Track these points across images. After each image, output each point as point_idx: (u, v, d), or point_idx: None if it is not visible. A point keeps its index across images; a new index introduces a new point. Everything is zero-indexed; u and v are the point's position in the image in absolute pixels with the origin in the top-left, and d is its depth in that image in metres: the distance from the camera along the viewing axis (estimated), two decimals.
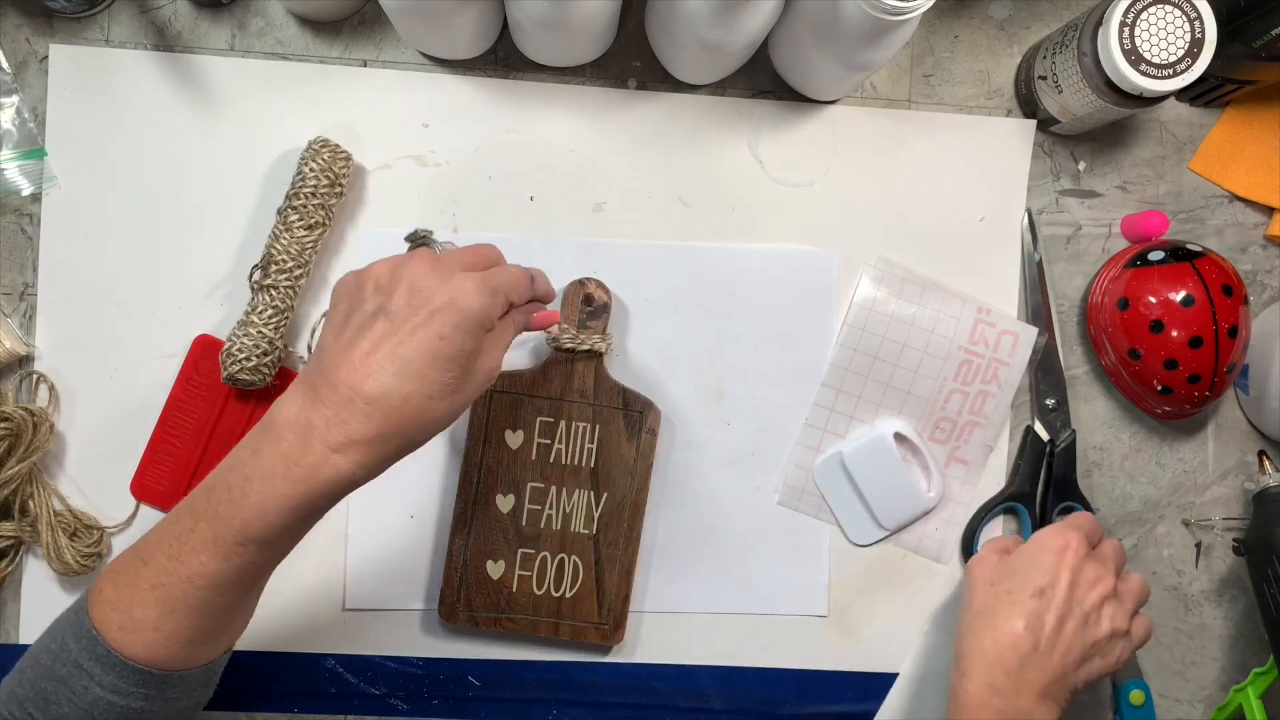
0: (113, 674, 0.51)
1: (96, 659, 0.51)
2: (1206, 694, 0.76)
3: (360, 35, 0.72)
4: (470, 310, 0.49)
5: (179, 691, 0.54)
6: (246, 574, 0.51)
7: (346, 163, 0.69)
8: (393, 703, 0.71)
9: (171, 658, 0.52)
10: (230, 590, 0.51)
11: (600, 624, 0.70)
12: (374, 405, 0.48)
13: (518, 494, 0.70)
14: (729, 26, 0.61)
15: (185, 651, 0.53)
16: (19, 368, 0.70)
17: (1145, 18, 0.64)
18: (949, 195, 0.74)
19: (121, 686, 0.52)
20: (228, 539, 0.50)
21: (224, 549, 0.50)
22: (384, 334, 0.49)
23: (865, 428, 0.73)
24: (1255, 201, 0.76)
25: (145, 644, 0.51)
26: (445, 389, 0.50)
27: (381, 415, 0.48)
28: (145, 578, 0.51)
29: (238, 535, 0.50)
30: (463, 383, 0.51)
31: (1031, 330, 0.73)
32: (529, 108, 0.72)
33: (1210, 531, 0.76)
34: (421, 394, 0.49)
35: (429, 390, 0.49)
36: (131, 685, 0.52)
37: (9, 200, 0.70)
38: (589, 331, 0.70)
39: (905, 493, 0.72)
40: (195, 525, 0.50)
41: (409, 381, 0.48)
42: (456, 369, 0.50)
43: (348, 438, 0.48)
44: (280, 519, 0.49)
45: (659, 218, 0.73)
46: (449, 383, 0.50)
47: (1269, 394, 0.73)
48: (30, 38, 0.70)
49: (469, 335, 0.50)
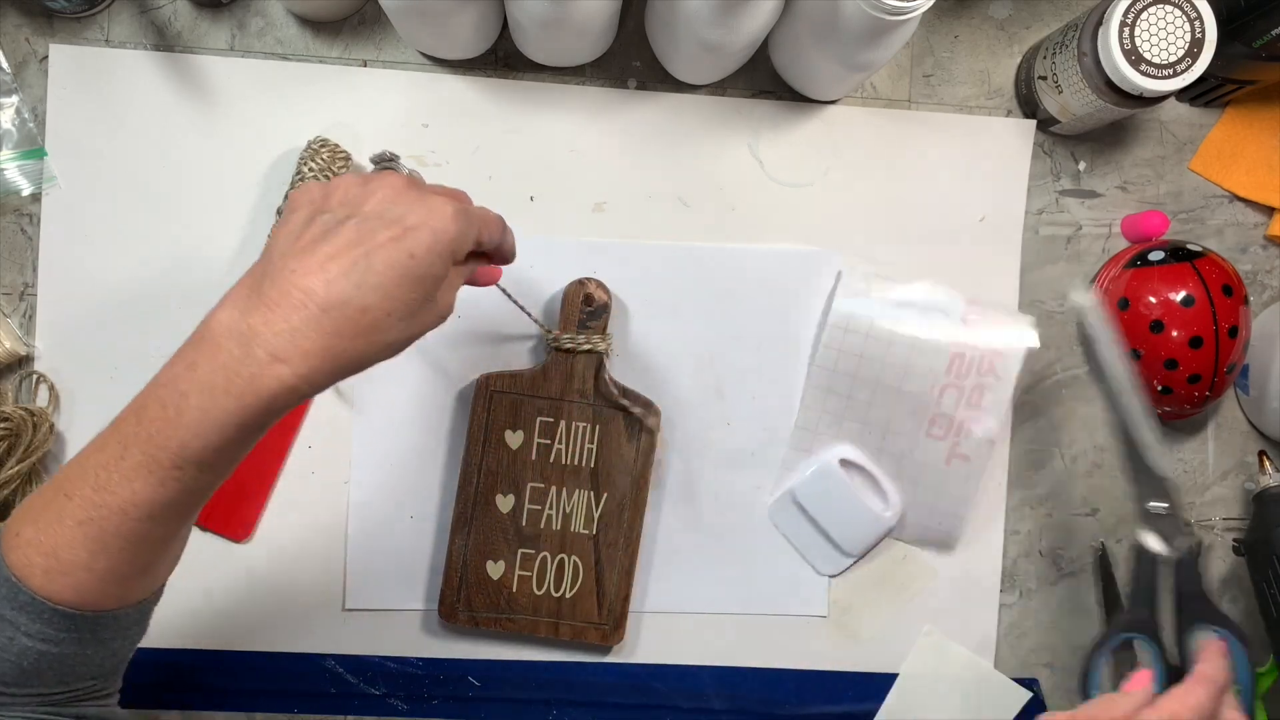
0: (39, 621, 0.47)
1: (20, 607, 0.47)
2: None
3: (360, 35, 0.72)
4: (446, 233, 0.47)
5: (112, 632, 0.50)
6: (184, 500, 0.47)
7: (345, 162, 0.69)
8: (393, 703, 0.71)
9: (105, 597, 0.48)
10: (168, 519, 0.47)
11: (600, 624, 0.70)
12: (329, 313, 0.44)
13: (518, 494, 0.70)
14: (729, 26, 0.61)
15: (120, 589, 0.49)
16: (19, 368, 0.70)
17: (1145, 18, 0.64)
18: (949, 195, 0.74)
19: (51, 634, 0.48)
20: (163, 462, 0.45)
21: (160, 473, 0.45)
22: (352, 241, 0.45)
23: (811, 459, 0.73)
24: (1255, 201, 0.76)
25: (76, 586, 0.47)
26: (406, 310, 0.46)
27: (335, 325, 0.44)
28: (70, 514, 0.46)
29: (174, 457, 0.45)
30: (422, 311, 0.47)
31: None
32: (529, 108, 0.72)
33: (1210, 531, 0.76)
34: (381, 309, 0.45)
35: (390, 307, 0.45)
36: (62, 631, 0.48)
37: (9, 200, 0.70)
38: (589, 331, 0.70)
39: (862, 517, 0.72)
40: (125, 451, 0.46)
41: (371, 293, 0.45)
42: (421, 292, 0.46)
43: (295, 345, 0.44)
44: (221, 436, 0.45)
45: (659, 218, 0.73)
46: (411, 304, 0.46)
47: (1269, 394, 0.73)
48: (30, 38, 0.70)
49: (440, 259, 0.47)
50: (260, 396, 0.44)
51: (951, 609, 0.74)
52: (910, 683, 0.73)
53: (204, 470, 0.46)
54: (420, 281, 0.46)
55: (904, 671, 0.74)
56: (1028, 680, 0.74)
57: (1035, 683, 0.74)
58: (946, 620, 0.74)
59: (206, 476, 0.47)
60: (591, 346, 0.69)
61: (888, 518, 0.72)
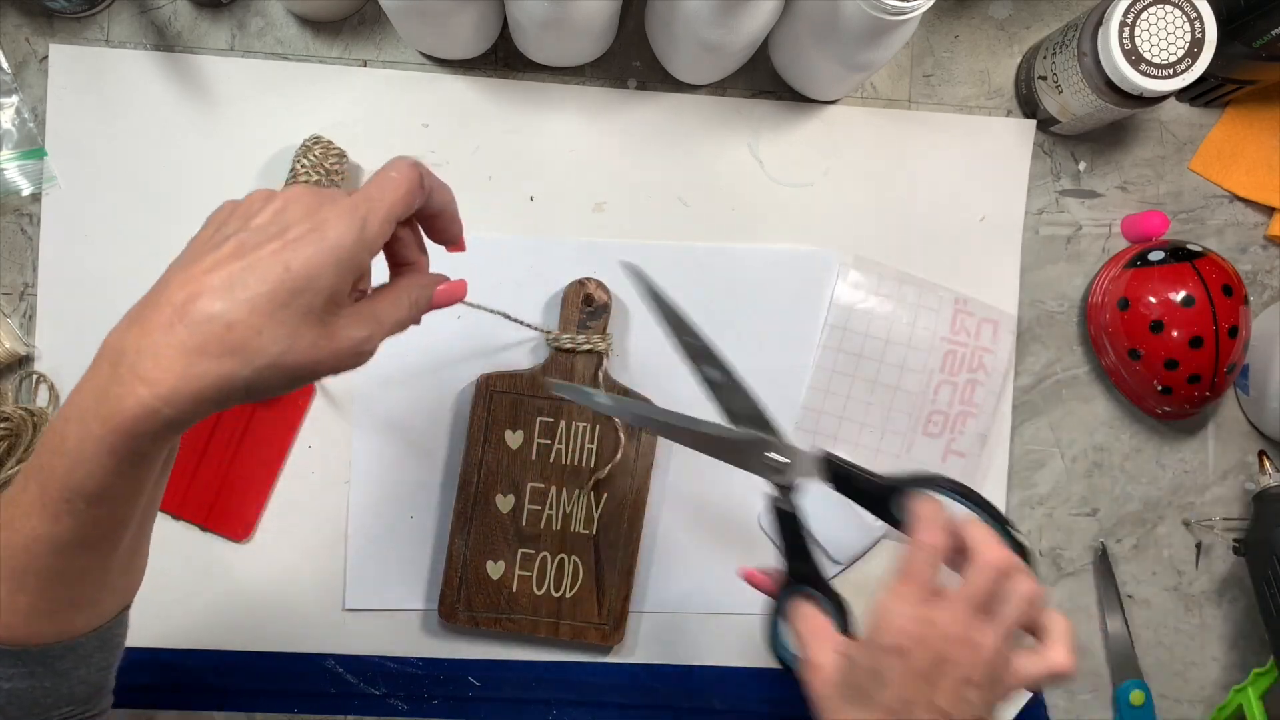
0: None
1: None
2: (1206, 694, 0.76)
3: (360, 35, 0.72)
4: (328, 241, 0.41)
5: (71, 663, 0.48)
6: (86, 534, 0.43)
7: (339, 159, 0.68)
8: (393, 703, 0.71)
9: (39, 633, 0.46)
10: (78, 553, 0.44)
11: (600, 624, 0.70)
12: (193, 329, 0.40)
13: (518, 494, 0.70)
14: (729, 26, 0.61)
15: (54, 624, 0.46)
16: (19, 368, 0.70)
17: (1145, 18, 0.64)
18: (949, 195, 0.74)
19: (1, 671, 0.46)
20: (54, 496, 0.42)
21: (52, 509, 0.42)
22: (231, 254, 0.42)
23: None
24: (1255, 201, 0.76)
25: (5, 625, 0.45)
26: (283, 330, 0.41)
27: (199, 342, 0.40)
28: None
29: (61, 490, 0.42)
30: (310, 335, 0.42)
31: (1011, 316, 0.73)
32: (529, 108, 0.72)
33: (1210, 531, 0.76)
34: (250, 326, 0.40)
35: (259, 324, 0.40)
36: (8, 667, 0.46)
37: (9, 200, 0.70)
38: (589, 331, 0.70)
39: (851, 526, 0.72)
40: (26, 485, 0.43)
41: (239, 308, 0.40)
42: (300, 309, 0.41)
43: (156, 363, 0.40)
44: (99, 466, 0.41)
45: (659, 218, 0.73)
46: (290, 324, 0.41)
47: (1269, 394, 0.73)
48: (30, 38, 0.70)
49: (325, 271, 0.41)
50: (125, 419, 0.40)
51: None
52: None
53: (94, 504, 0.43)
54: (296, 296, 0.41)
55: None
56: None
57: None
58: None
59: (99, 510, 0.43)
60: (591, 346, 0.69)
61: (877, 526, 0.72)
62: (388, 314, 0.46)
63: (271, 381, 0.42)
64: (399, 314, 0.47)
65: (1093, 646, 0.75)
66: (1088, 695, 0.75)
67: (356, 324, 0.44)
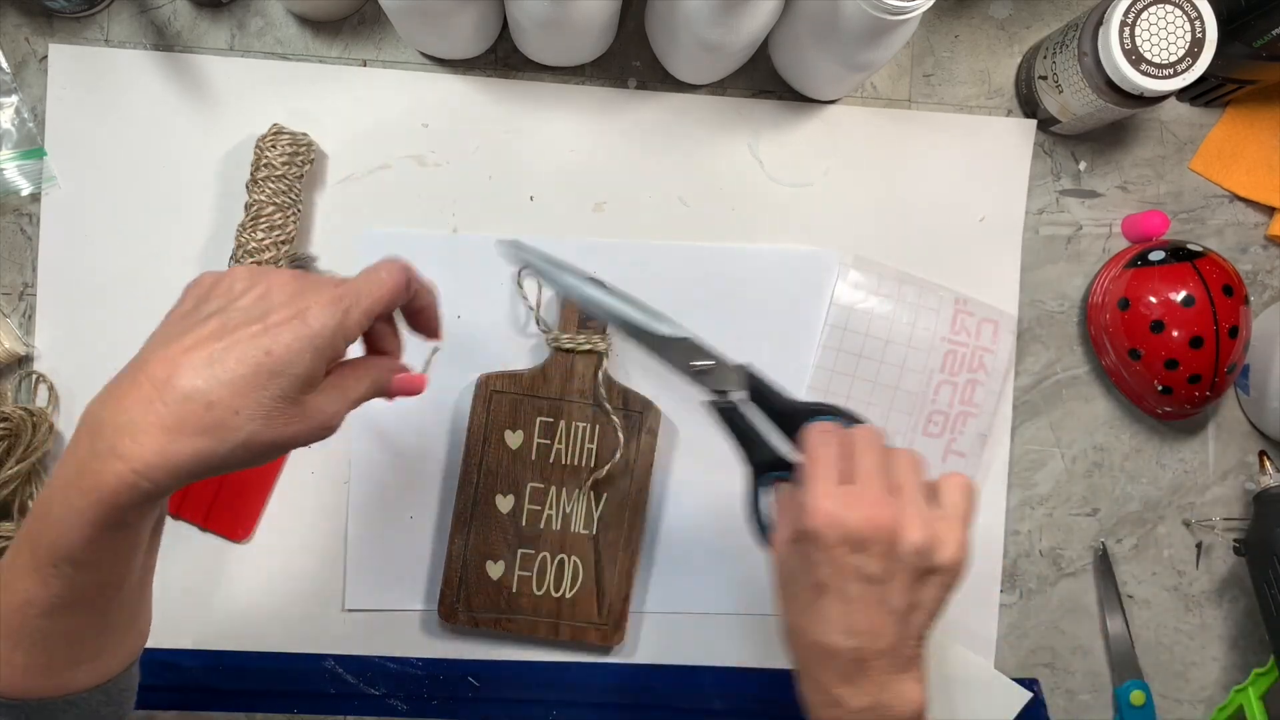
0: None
1: None
2: (1207, 694, 0.76)
3: (360, 35, 0.72)
4: (308, 329, 0.44)
5: (76, 715, 0.49)
6: (77, 597, 0.45)
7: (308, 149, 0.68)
8: (393, 703, 0.71)
9: (39, 688, 0.47)
10: (69, 615, 0.45)
11: (600, 624, 0.70)
12: (171, 406, 0.42)
13: (518, 494, 0.70)
14: (729, 26, 0.61)
15: (50, 681, 0.47)
16: (19, 368, 0.70)
17: (1145, 17, 0.64)
18: (949, 195, 0.74)
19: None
20: (43, 560, 0.44)
21: (41, 573, 0.44)
22: (213, 333, 0.44)
23: None
24: (1255, 201, 0.76)
25: (5, 680, 0.46)
26: (259, 410, 0.43)
27: (177, 418, 0.42)
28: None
29: (50, 556, 0.44)
30: (284, 414, 0.44)
31: (1011, 315, 0.73)
32: (529, 108, 0.72)
33: (1211, 532, 0.76)
34: (228, 406, 0.42)
35: (238, 404, 0.43)
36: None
37: (9, 200, 0.70)
38: (588, 331, 0.70)
39: None
40: (19, 550, 0.45)
41: (219, 389, 0.42)
42: (276, 391, 0.43)
43: (134, 438, 0.42)
44: (81, 534, 0.43)
45: (659, 218, 0.73)
46: (266, 404, 0.43)
47: (1269, 394, 0.73)
48: (30, 38, 0.70)
49: (303, 356, 0.44)
50: (105, 491, 0.42)
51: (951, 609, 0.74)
52: None
53: (81, 569, 0.44)
54: (275, 379, 0.43)
55: None
56: (1028, 680, 0.74)
57: (1035, 683, 0.74)
58: (946, 620, 0.74)
59: (86, 575, 0.44)
60: (591, 346, 0.69)
61: None
62: (353, 390, 0.48)
63: (244, 457, 0.44)
64: (361, 391, 0.49)
65: (1093, 646, 0.75)
66: (1088, 695, 0.75)
67: (325, 400, 0.46)
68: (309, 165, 0.69)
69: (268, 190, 0.67)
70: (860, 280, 0.73)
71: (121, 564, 0.46)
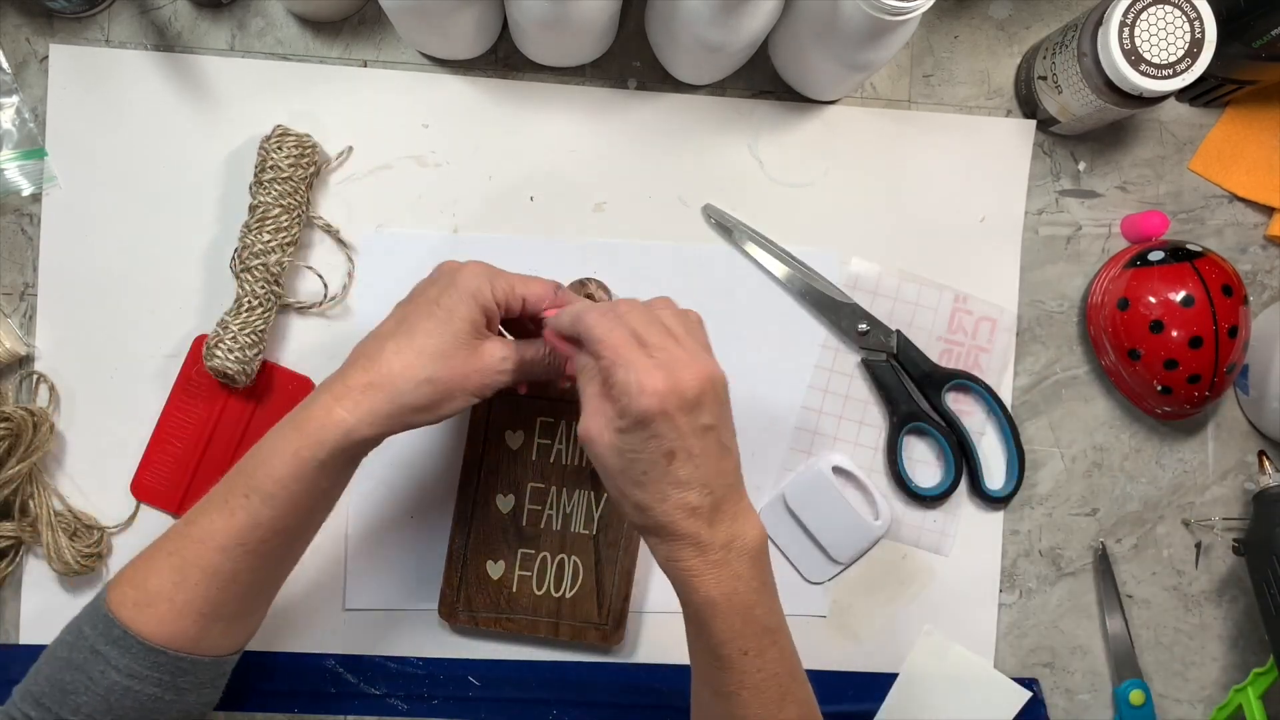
0: (128, 656, 0.53)
1: (113, 641, 0.53)
2: (1206, 694, 0.76)
3: (360, 35, 0.72)
4: (461, 284, 0.55)
5: (190, 681, 0.55)
6: (251, 534, 0.53)
7: (312, 151, 0.68)
8: (393, 703, 0.71)
9: (184, 634, 0.54)
10: (236, 553, 0.53)
11: (600, 624, 0.70)
12: (370, 358, 0.54)
13: (518, 494, 0.70)
14: (729, 26, 0.61)
15: (197, 629, 0.54)
16: (19, 368, 0.70)
17: (1145, 18, 0.64)
18: (949, 195, 0.74)
19: (137, 670, 0.53)
20: (236, 491, 0.53)
21: (231, 503, 0.53)
22: (402, 310, 0.56)
23: (805, 462, 0.73)
24: (1255, 201, 0.76)
25: (159, 618, 0.53)
26: (434, 351, 0.54)
27: (374, 366, 0.54)
28: (163, 547, 0.54)
29: (244, 486, 0.53)
30: (457, 353, 0.55)
31: (1011, 313, 0.73)
32: (529, 108, 0.72)
33: (1210, 531, 0.76)
34: (411, 349, 0.54)
35: (418, 345, 0.54)
36: (146, 668, 0.53)
37: (9, 200, 0.70)
38: None
39: (852, 525, 0.71)
40: (217, 490, 0.54)
41: (401, 338, 0.54)
42: (446, 336, 0.55)
43: (345, 386, 0.54)
44: (284, 465, 0.53)
45: (659, 218, 0.73)
46: (439, 346, 0.54)
47: (1269, 394, 0.73)
48: (30, 38, 0.70)
49: (460, 307, 0.55)
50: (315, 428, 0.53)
51: (951, 609, 0.74)
52: (910, 683, 0.73)
53: (267, 502, 0.53)
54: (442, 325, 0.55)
55: (904, 671, 0.74)
56: (1027, 680, 0.74)
57: (1035, 683, 0.74)
58: (946, 620, 0.74)
59: (269, 509, 0.53)
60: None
61: (877, 526, 0.72)
62: (524, 350, 0.58)
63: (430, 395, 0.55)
64: (534, 353, 0.59)
65: (1093, 646, 0.75)
66: (1088, 695, 0.75)
67: (495, 346, 0.57)
68: (315, 168, 0.69)
69: (274, 192, 0.67)
70: (860, 280, 0.73)
71: (299, 512, 0.55)
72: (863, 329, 0.72)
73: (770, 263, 0.72)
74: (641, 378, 0.50)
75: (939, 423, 0.73)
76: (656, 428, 0.50)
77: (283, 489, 0.53)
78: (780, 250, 0.72)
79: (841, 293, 0.72)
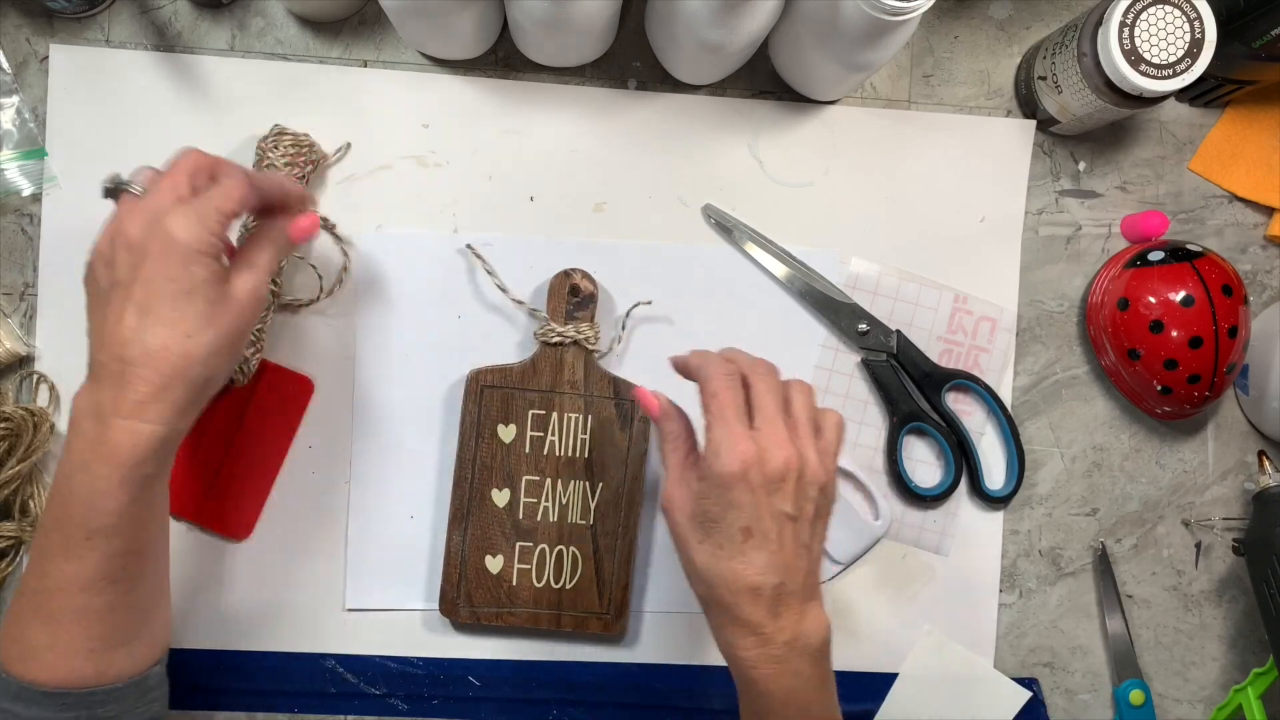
0: (34, 706, 0.52)
1: (13, 697, 0.52)
2: (1206, 694, 0.76)
3: (360, 35, 0.72)
4: (179, 244, 0.50)
5: (113, 710, 0.54)
6: (109, 567, 0.52)
7: (310, 150, 0.68)
8: (393, 703, 0.71)
9: (79, 674, 0.52)
10: (102, 589, 0.52)
11: (602, 613, 0.70)
12: (140, 365, 0.50)
13: (513, 488, 0.70)
14: (729, 27, 0.61)
15: (90, 665, 0.53)
16: (19, 368, 0.70)
17: (1145, 18, 0.64)
18: (949, 195, 0.74)
19: (46, 716, 0.52)
20: (75, 537, 0.51)
21: (75, 548, 0.51)
22: (121, 300, 0.50)
23: None
24: (1255, 201, 0.76)
25: (47, 667, 0.52)
26: (199, 321, 0.51)
27: (153, 370, 0.50)
28: (26, 603, 0.53)
29: (81, 530, 0.50)
30: (218, 311, 0.51)
31: (1011, 313, 0.74)
32: (529, 108, 0.72)
33: (1210, 531, 0.76)
34: (177, 335, 0.50)
35: (183, 329, 0.50)
36: (54, 712, 0.52)
37: (9, 200, 0.70)
38: (576, 322, 0.70)
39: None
40: (48, 537, 0.52)
41: (159, 329, 0.50)
42: (200, 301, 0.51)
43: (135, 402, 0.50)
44: (112, 500, 0.50)
45: (659, 218, 0.73)
46: (200, 315, 0.51)
47: (1269, 394, 0.73)
48: (30, 38, 0.70)
49: (194, 266, 0.51)
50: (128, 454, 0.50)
51: (951, 609, 0.74)
52: (910, 683, 0.73)
53: (113, 536, 0.51)
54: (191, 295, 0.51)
55: (904, 671, 0.73)
56: (1027, 680, 0.74)
57: (1035, 683, 0.74)
58: (946, 620, 0.74)
59: (118, 541, 0.51)
60: (575, 337, 0.69)
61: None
62: (259, 259, 0.55)
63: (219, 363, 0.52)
64: (266, 256, 0.55)
65: (1093, 646, 0.75)
66: (1088, 695, 0.75)
67: (242, 280, 0.53)
68: (312, 167, 0.69)
69: None
70: (860, 280, 0.73)
71: (148, 527, 0.53)
72: (862, 329, 0.72)
73: (770, 263, 0.72)
74: (733, 440, 0.51)
75: (939, 423, 0.72)
76: (735, 496, 0.51)
77: (121, 519, 0.51)
78: (780, 250, 0.72)
79: (841, 293, 0.72)
